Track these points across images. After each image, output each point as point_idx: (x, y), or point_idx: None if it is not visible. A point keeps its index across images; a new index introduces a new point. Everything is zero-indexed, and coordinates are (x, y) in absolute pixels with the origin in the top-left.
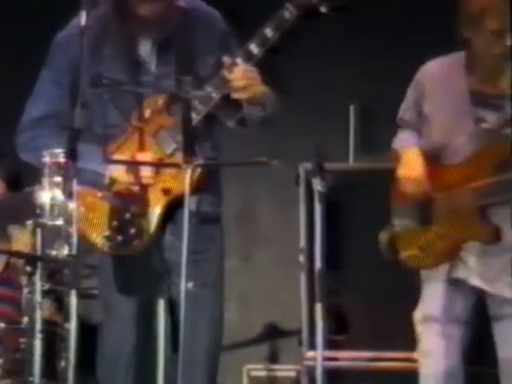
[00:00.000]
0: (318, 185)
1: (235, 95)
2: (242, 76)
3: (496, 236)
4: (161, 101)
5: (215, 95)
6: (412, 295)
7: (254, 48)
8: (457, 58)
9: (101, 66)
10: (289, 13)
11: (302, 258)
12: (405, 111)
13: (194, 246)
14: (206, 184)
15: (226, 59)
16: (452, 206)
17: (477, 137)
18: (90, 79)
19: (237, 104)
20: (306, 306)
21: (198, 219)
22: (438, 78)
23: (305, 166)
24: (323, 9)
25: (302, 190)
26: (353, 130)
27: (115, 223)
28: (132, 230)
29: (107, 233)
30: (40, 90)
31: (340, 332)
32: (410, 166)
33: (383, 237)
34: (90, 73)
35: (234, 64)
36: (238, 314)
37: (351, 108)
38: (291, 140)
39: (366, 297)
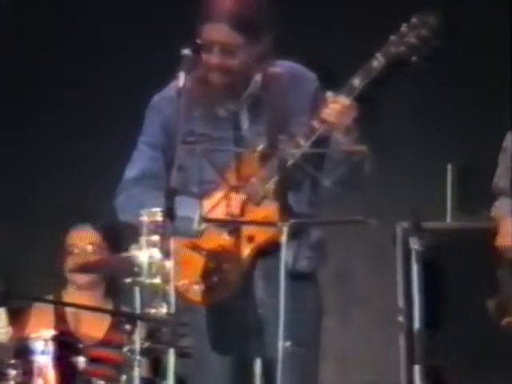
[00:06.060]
0: (415, 244)
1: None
2: (339, 106)
3: None
4: (257, 153)
5: (303, 143)
6: None
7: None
8: None
9: (192, 124)
10: (377, 62)
11: (400, 318)
12: (498, 178)
13: (288, 304)
14: (302, 238)
15: (330, 94)
16: None
17: None
18: (182, 137)
19: (334, 163)
20: (404, 367)
21: (292, 277)
22: None
23: (402, 225)
24: (413, 58)
25: (399, 249)
26: (450, 189)
27: (200, 272)
28: (215, 278)
29: (191, 280)
30: (136, 153)
31: None
32: (505, 234)
33: (490, 304)
34: (182, 131)
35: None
36: (335, 374)
37: (449, 167)
38: (388, 198)
39: (466, 359)
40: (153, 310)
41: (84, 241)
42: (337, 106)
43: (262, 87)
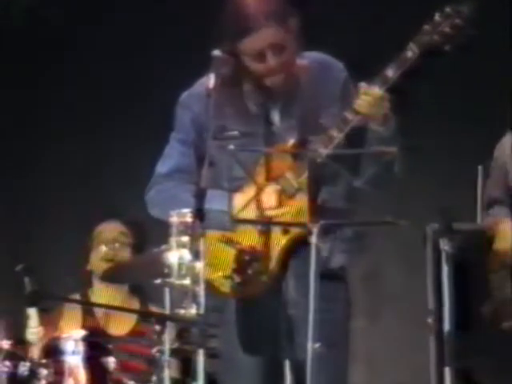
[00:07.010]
0: (445, 245)
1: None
2: (370, 95)
3: None
4: (288, 146)
5: (336, 135)
6: None
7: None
8: None
9: (223, 120)
10: (411, 52)
11: (430, 320)
12: (492, 189)
13: (318, 304)
14: (337, 232)
15: (363, 85)
16: None
17: None
18: (213, 132)
19: (366, 162)
20: (434, 369)
21: (323, 277)
22: None
23: (432, 226)
24: (446, 47)
25: (429, 250)
26: (480, 191)
27: (234, 265)
28: (250, 271)
29: (225, 273)
30: (168, 149)
31: None
32: (505, 237)
33: (486, 310)
34: (213, 127)
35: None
36: (364, 375)
37: (479, 168)
38: (418, 200)
39: (497, 362)
40: (182, 311)
41: (112, 233)
42: (369, 97)
43: (293, 80)
